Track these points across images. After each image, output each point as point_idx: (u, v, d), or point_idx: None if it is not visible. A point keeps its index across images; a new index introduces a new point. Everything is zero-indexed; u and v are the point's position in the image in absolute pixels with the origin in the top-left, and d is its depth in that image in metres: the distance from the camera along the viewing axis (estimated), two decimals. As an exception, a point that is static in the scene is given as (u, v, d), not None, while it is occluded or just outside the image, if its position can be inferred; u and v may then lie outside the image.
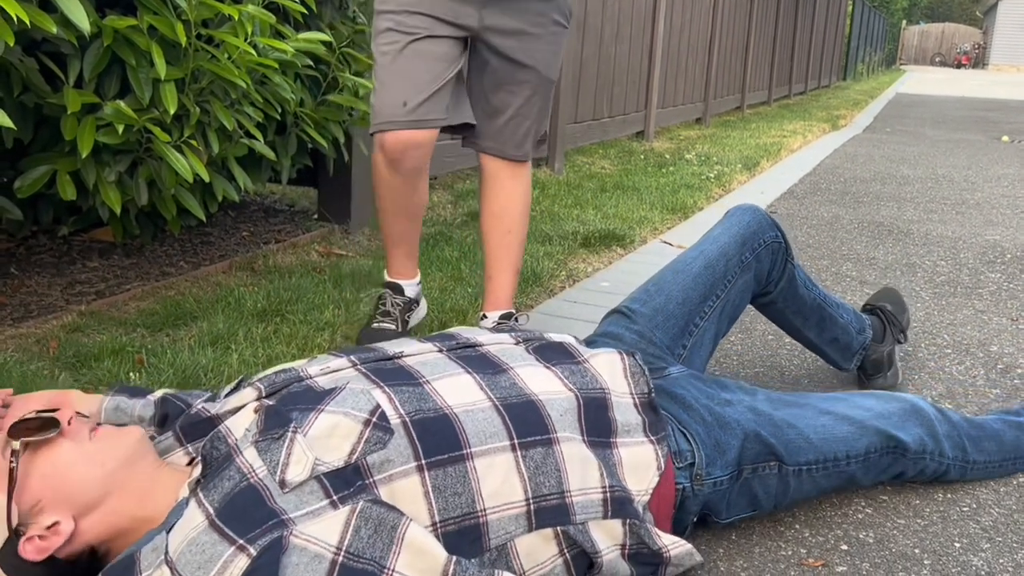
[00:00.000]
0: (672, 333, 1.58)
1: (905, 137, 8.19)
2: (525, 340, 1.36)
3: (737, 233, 1.69)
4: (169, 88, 2.10)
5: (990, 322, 2.60)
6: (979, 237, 3.80)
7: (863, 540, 1.44)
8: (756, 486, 1.37)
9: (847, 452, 1.43)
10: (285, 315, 2.31)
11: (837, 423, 1.44)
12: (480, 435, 1.13)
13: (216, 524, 1.00)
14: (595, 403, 1.25)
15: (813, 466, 1.40)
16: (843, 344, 1.95)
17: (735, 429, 1.35)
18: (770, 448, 1.36)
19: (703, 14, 8.22)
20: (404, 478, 1.07)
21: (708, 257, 1.66)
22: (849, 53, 20.87)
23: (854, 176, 5.50)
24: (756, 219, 1.71)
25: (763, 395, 1.46)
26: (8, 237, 2.86)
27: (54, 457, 1.06)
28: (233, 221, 3.35)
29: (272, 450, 1.05)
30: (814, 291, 1.87)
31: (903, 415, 1.51)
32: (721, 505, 1.35)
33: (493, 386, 1.21)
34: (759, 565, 1.36)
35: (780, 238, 1.74)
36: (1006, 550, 1.43)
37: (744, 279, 1.69)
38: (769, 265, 1.74)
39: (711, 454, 1.33)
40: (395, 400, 1.13)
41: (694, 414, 1.36)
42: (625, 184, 4.67)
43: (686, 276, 1.63)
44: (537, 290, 2.72)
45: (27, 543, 1.03)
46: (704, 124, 8.60)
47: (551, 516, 1.14)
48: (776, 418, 1.40)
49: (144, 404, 1.34)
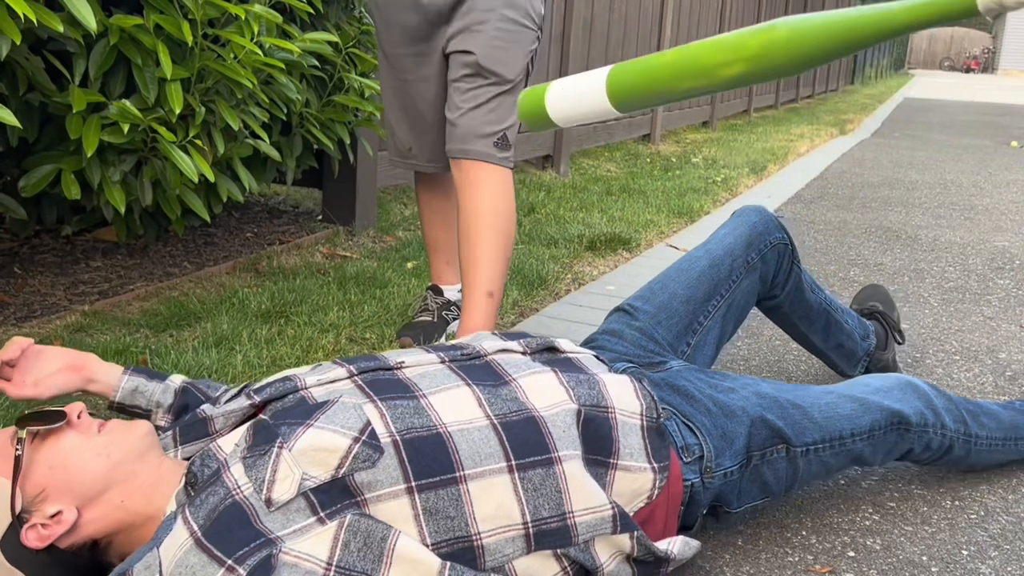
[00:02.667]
0: (675, 331, 1.56)
1: (913, 142, 8.16)
2: (533, 351, 1.32)
3: (743, 233, 1.68)
4: (175, 87, 2.10)
5: (999, 329, 2.59)
6: (988, 243, 3.78)
7: (870, 547, 1.42)
8: (766, 472, 1.36)
9: (852, 430, 1.41)
10: (289, 316, 2.30)
11: (840, 401, 1.43)
12: (475, 456, 1.10)
13: (202, 543, 0.98)
14: (597, 420, 1.21)
15: (820, 445, 1.39)
16: (848, 350, 1.94)
17: (741, 416, 1.34)
18: (777, 431, 1.35)
19: (710, 17, 8.21)
20: (393, 500, 1.04)
21: (713, 256, 1.64)
22: (857, 57, 20.83)
23: (862, 181, 5.48)
24: (762, 220, 1.70)
25: (766, 383, 1.46)
26: (12, 236, 2.86)
27: (60, 447, 1.07)
28: (237, 222, 3.35)
29: (258, 466, 1.03)
30: (820, 295, 1.86)
31: (901, 389, 1.51)
32: (732, 495, 1.34)
33: (493, 400, 1.17)
34: (765, 571, 1.34)
35: (786, 240, 1.73)
36: (1014, 558, 1.41)
37: (749, 280, 1.68)
38: (775, 267, 1.73)
39: (719, 444, 1.31)
40: (387, 416, 1.10)
41: (698, 405, 1.34)
42: (631, 187, 4.66)
43: (690, 275, 1.62)
44: (542, 293, 2.71)
45: (29, 531, 1.04)
46: (711, 127, 8.59)
47: (551, 539, 1.12)
48: (781, 399, 1.39)
49: (164, 390, 1.35)
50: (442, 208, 2.26)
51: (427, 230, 2.29)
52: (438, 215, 2.26)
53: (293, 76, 2.64)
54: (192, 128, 2.22)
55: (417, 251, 3.06)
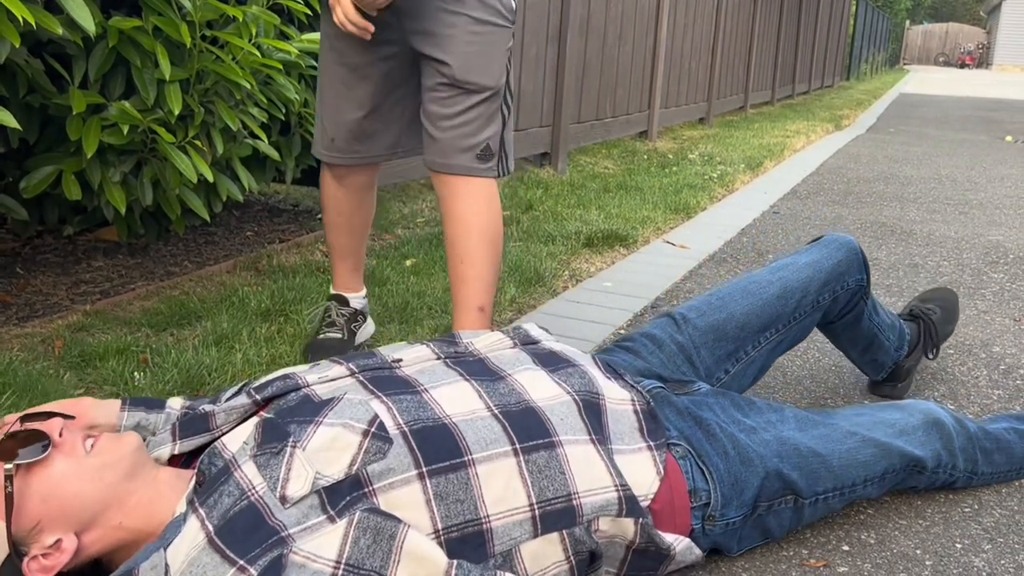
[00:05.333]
0: (718, 355, 1.51)
1: (908, 137, 8.19)
2: (523, 344, 1.36)
3: (824, 269, 1.60)
4: (174, 89, 2.11)
5: (993, 323, 2.61)
6: (982, 237, 3.80)
7: (864, 541, 1.44)
8: (770, 520, 1.34)
9: (865, 476, 1.39)
10: (289, 315, 2.31)
11: (861, 447, 1.39)
12: (481, 442, 1.13)
13: (216, 544, 0.99)
14: (590, 406, 1.25)
15: (830, 494, 1.37)
16: (879, 363, 1.92)
17: (757, 467, 1.30)
18: (790, 484, 1.32)
19: (707, 14, 8.22)
20: (405, 486, 1.07)
21: (786, 287, 1.57)
22: (852, 53, 20.84)
23: (857, 176, 5.50)
24: (848, 259, 1.63)
25: (791, 413, 1.41)
26: (14, 237, 2.87)
27: (51, 476, 1.03)
28: (237, 221, 3.36)
29: (272, 465, 1.04)
30: (874, 322, 1.80)
31: (926, 430, 1.47)
32: (732, 542, 1.32)
33: (492, 393, 1.20)
34: (760, 565, 1.36)
35: (864, 281, 1.66)
36: (1008, 551, 1.43)
37: (812, 318, 1.62)
38: (843, 305, 1.68)
39: (728, 493, 1.28)
40: (393, 410, 1.12)
41: (717, 445, 1.30)
42: (628, 184, 4.68)
43: (755, 300, 1.55)
44: (540, 290, 2.72)
45: (31, 562, 1.02)
46: (707, 124, 8.60)
47: (557, 520, 1.14)
48: (803, 447, 1.35)
49: (166, 419, 1.31)
50: (349, 212, 2.06)
51: (333, 235, 2.09)
52: (344, 219, 2.07)
53: (291, 76, 2.65)
54: (191, 129, 2.23)
55: (416, 248, 3.07)
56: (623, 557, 1.22)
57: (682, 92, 7.84)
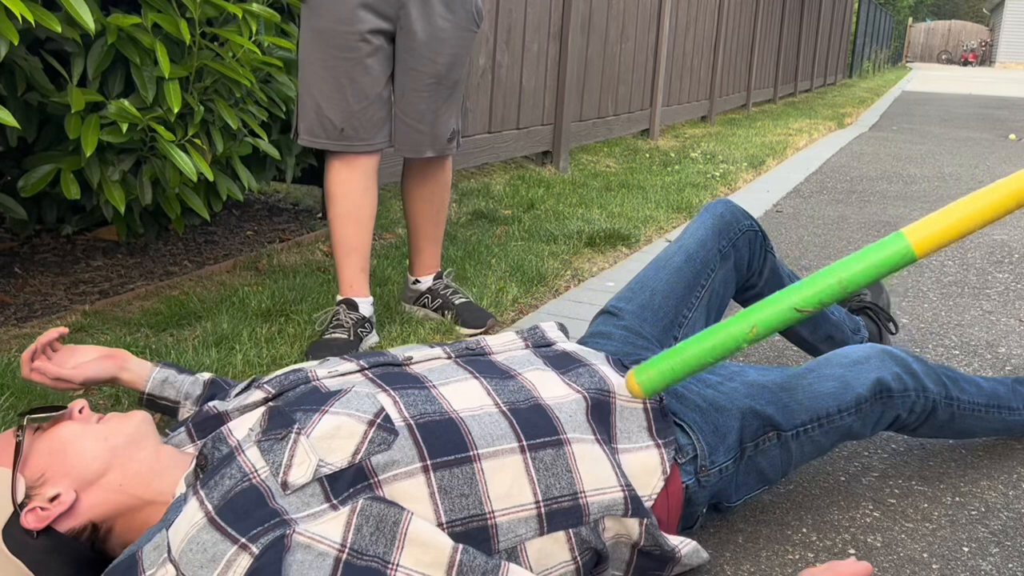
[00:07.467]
0: (661, 325, 1.59)
1: (911, 135, 8.17)
2: (535, 345, 1.37)
3: (712, 225, 1.71)
4: (173, 87, 2.10)
5: (998, 323, 2.59)
6: (987, 237, 3.78)
7: (871, 544, 1.43)
8: (761, 460, 1.38)
9: (838, 406, 1.44)
10: (289, 315, 2.30)
11: (822, 379, 1.46)
12: (487, 437, 1.13)
13: (216, 522, 1.00)
14: (600, 405, 1.25)
15: (809, 425, 1.41)
16: (839, 342, 1.93)
17: (731, 410, 1.36)
18: (767, 419, 1.37)
19: (708, 12, 8.20)
20: (409, 479, 1.07)
21: (687, 250, 1.68)
22: (855, 50, 20.82)
23: (860, 175, 5.49)
24: (729, 210, 1.73)
25: (749, 368, 1.48)
26: (12, 236, 2.86)
27: (60, 434, 1.12)
28: (237, 220, 3.35)
29: (275, 451, 1.05)
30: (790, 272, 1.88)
31: (880, 357, 1.52)
32: (730, 489, 1.36)
33: (501, 391, 1.21)
34: (766, 569, 1.35)
35: (755, 227, 1.75)
36: (1015, 554, 1.41)
37: (725, 268, 1.71)
38: (748, 254, 1.75)
39: (712, 441, 1.33)
40: (400, 403, 1.13)
41: (687, 402, 1.36)
42: (630, 183, 4.66)
43: (668, 270, 1.65)
44: (542, 290, 2.71)
45: (28, 514, 1.06)
46: (709, 122, 8.58)
47: (564, 518, 1.14)
48: (769, 384, 1.42)
49: (192, 382, 1.44)
50: (358, 202, 2.05)
51: (341, 229, 2.07)
52: (352, 210, 2.05)
53: (292, 74, 2.64)
54: (191, 127, 2.22)
55: (416, 248, 3.06)
56: (628, 559, 1.22)
57: (684, 90, 7.83)
